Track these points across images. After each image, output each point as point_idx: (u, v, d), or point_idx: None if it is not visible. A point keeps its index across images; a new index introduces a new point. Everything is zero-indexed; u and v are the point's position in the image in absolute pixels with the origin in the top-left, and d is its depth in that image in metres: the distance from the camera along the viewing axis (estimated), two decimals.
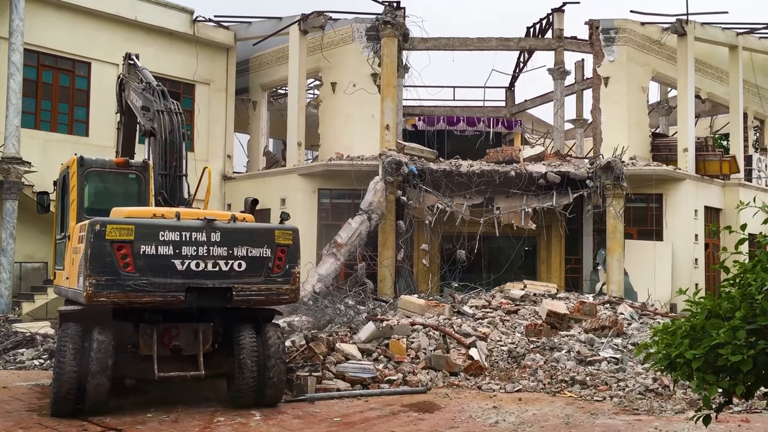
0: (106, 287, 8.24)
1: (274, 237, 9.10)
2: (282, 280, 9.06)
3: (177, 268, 8.49)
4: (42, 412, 8.80)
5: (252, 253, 8.91)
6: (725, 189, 23.12)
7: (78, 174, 10.09)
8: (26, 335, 14.28)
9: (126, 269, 8.30)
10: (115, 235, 8.30)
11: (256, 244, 8.97)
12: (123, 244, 8.31)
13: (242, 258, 8.85)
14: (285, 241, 9.16)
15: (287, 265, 9.13)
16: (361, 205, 18.65)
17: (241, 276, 8.81)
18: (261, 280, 8.93)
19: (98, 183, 10.42)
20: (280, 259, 9.08)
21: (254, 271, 8.91)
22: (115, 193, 10.41)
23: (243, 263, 8.84)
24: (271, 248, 9.03)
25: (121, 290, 8.28)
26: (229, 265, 8.75)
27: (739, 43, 24.82)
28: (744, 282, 4.63)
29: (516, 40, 24.35)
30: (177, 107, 10.22)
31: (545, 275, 21.12)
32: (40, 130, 20.41)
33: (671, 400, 10.17)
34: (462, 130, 26.94)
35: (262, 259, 8.96)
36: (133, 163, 10.63)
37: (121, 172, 10.48)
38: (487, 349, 12.71)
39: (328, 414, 9.08)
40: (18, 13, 18.36)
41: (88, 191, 10.18)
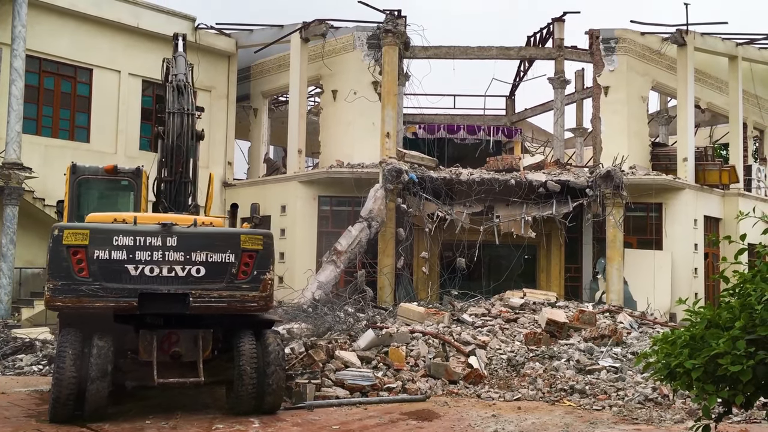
0: (61, 292, 8.23)
1: (239, 242, 8.71)
2: (248, 286, 8.66)
3: (130, 273, 8.36)
4: (41, 418, 8.78)
5: (212, 258, 8.58)
6: (725, 199, 23.15)
7: (70, 181, 10.17)
8: (25, 341, 14.26)
9: (80, 274, 8.26)
10: (71, 240, 8.29)
11: (218, 249, 8.63)
12: (78, 248, 8.28)
13: (201, 263, 8.54)
14: (253, 246, 8.75)
15: (255, 271, 8.72)
16: (361, 213, 18.67)
17: (199, 282, 8.51)
18: (223, 286, 8.58)
19: (91, 190, 10.40)
20: (246, 264, 8.68)
21: (215, 277, 8.57)
22: (107, 200, 10.38)
23: (202, 269, 8.54)
24: (236, 253, 8.65)
25: (75, 295, 8.24)
26: (186, 271, 8.48)
27: (738, 53, 24.91)
28: (744, 292, 4.65)
29: (516, 49, 24.42)
30: (191, 107, 10.06)
31: (545, 284, 21.12)
32: (41, 136, 20.46)
33: (670, 409, 10.17)
34: (462, 138, 26.99)
35: (224, 264, 8.62)
36: (124, 170, 10.55)
37: (113, 179, 10.40)
38: (487, 358, 12.70)
39: (327, 422, 9.06)
40: (20, 20, 18.43)
41: (81, 198, 10.19)
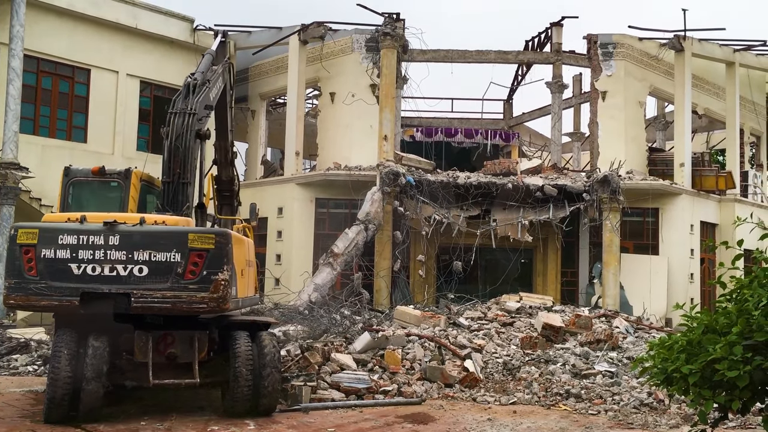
0: (14, 290, 8.27)
1: (186, 241, 8.41)
2: (197, 287, 8.33)
3: (73, 273, 8.30)
4: (35, 419, 8.75)
5: (156, 257, 8.32)
6: (721, 204, 23.20)
7: (63, 183, 10.22)
8: (20, 341, 14.22)
9: (30, 273, 8.27)
10: (23, 239, 8.32)
11: (162, 248, 8.36)
12: (29, 247, 8.30)
13: (143, 263, 8.31)
14: (203, 245, 8.43)
15: (205, 271, 8.38)
16: (359, 215, 18.67)
17: (142, 282, 8.28)
18: (167, 286, 8.31)
19: (84, 191, 10.39)
20: (195, 264, 8.36)
21: (158, 276, 8.32)
22: (98, 201, 10.34)
23: (144, 268, 8.31)
24: (182, 253, 8.35)
25: (24, 293, 8.25)
26: (128, 270, 8.30)
27: (736, 59, 24.99)
28: (741, 297, 4.65)
29: (515, 54, 24.47)
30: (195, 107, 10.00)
31: (541, 288, 21.15)
32: (38, 136, 20.44)
33: (666, 414, 10.17)
34: (460, 141, 27.00)
35: (168, 264, 8.35)
36: (112, 171, 10.51)
37: (103, 180, 10.37)
38: (483, 361, 12.69)
39: (323, 424, 9.05)
40: (18, 19, 18.41)
41: (73, 200, 10.20)
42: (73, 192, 10.27)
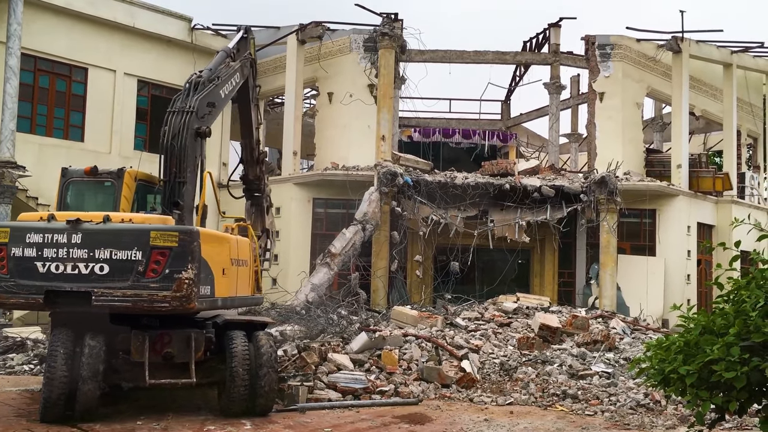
0: None
1: (148, 239, 8.31)
2: (159, 285, 8.20)
3: (39, 271, 8.34)
4: (31, 418, 8.72)
5: (117, 255, 8.27)
6: (718, 206, 23.24)
7: (60, 183, 10.26)
8: (17, 340, 14.18)
9: (1, 271, 8.37)
10: None
11: (123, 246, 8.29)
12: (1, 246, 8.40)
13: (104, 261, 8.27)
14: (165, 243, 8.31)
15: (168, 269, 8.25)
16: (356, 215, 18.66)
17: (102, 280, 8.24)
18: (128, 285, 8.22)
19: (80, 192, 10.40)
20: (157, 262, 8.25)
21: (119, 275, 8.25)
22: (93, 201, 10.34)
23: (105, 266, 8.27)
24: (144, 251, 8.26)
25: None
26: (89, 268, 8.27)
27: (733, 61, 25.03)
28: (738, 299, 4.65)
29: (512, 54, 24.49)
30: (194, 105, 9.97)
31: (538, 288, 21.16)
32: (35, 135, 20.40)
33: (662, 415, 10.18)
34: (457, 142, 27.04)
35: (129, 262, 8.27)
36: (104, 171, 10.49)
37: (98, 180, 10.35)
38: (479, 362, 12.69)
39: (319, 424, 9.04)
40: (16, 18, 18.37)
41: (70, 200, 10.21)
42: (69, 192, 10.28)
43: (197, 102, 10.06)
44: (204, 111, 10.20)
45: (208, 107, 10.28)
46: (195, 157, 10.01)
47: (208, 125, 10.22)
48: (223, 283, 9.13)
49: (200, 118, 10.06)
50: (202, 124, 10.03)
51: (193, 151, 9.95)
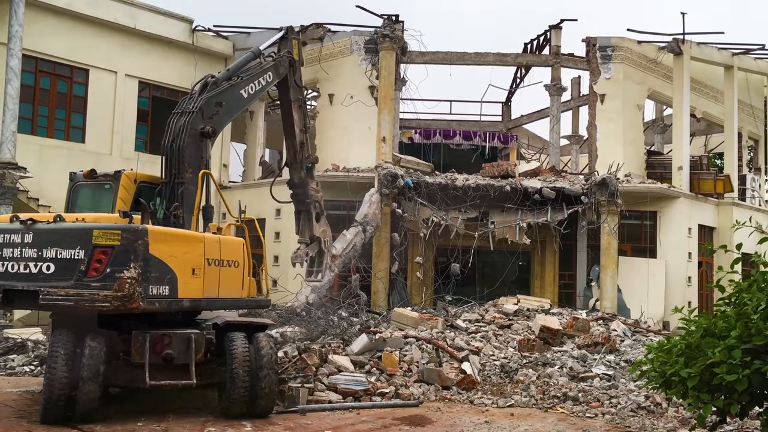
0: None
1: (90, 237, 8.21)
2: (99, 285, 8.10)
3: None
4: (32, 419, 8.71)
5: (62, 254, 8.26)
6: (719, 208, 23.22)
7: (68, 187, 10.34)
8: (17, 341, 14.17)
9: None
10: None
11: (67, 246, 8.26)
12: None
13: (51, 260, 8.28)
14: (107, 242, 8.19)
15: (110, 268, 8.13)
16: (356, 217, 18.65)
17: (49, 279, 8.23)
18: (70, 284, 8.16)
19: (84, 194, 10.44)
20: (99, 261, 8.15)
21: (63, 274, 8.22)
22: (94, 203, 10.35)
23: (51, 265, 8.27)
24: (86, 250, 8.19)
25: None
26: (38, 267, 8.30)
27: (734, 63, 25.03)
28: (740, 301, 4.64)
29: (513, 56, 24.49)
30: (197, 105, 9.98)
31: (539, 290, 21.14)
32: (36, 136, 20.41)
33: (663, 418, 10.16)
34: (458, 143, 27.03)
35: (72, 261, 8.22)
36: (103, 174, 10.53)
37: (99, 183, 10.33)
38: (480, 364, 12.69)
39: (320, 426, 9.03)
40: (17, 19, 18.38)
41: (76, 202, 10.27)
42: (76, 195, 10.36)
43: (203, 102, 10.06)
44: (211, 111, 10.19)
45: (216, 107, 10.25)
46: (200, 157, 10.02)
47: (216, 125, 10.20)
48: (193, 284, 8.93)
49: (208, 119, 10.06)
50: (208, 125, 10.01)
51: (197, 152, 9.95)
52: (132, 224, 8.48)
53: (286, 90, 12.36)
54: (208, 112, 10.15)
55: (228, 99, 10.69)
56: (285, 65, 12.17)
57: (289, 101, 12.45)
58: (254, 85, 11.22)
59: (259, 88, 11.39)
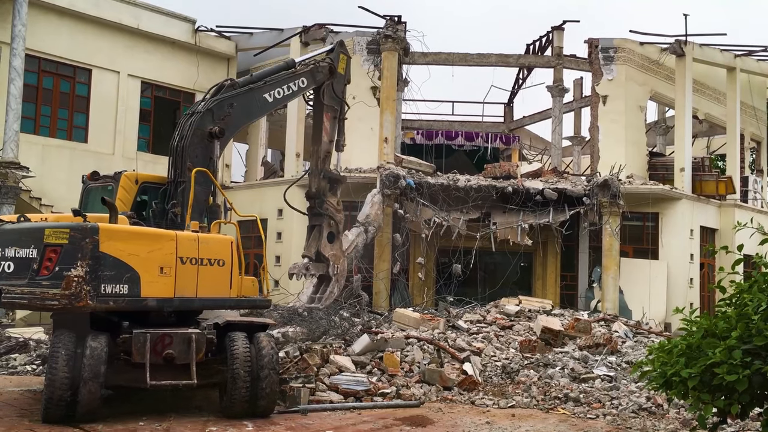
0: None
1: (42, 236, 8.27)
2: (49, 283, 8.13)
3: None
4: (33, 418, 8.72)
5: (19, 253, 8.40)
6: (721, 209, 23.20)
7: (82, 189, 10.58)
8: (19, 340, 14.19)
9: None
10: None
11: (23, 245, 8.39)
12: None
13: (11, 259, 8.44)
14: (57, 241, 8.22)
15: (58, 267, 8.14)
16: (358, 218, 18.66)
17: (9, 278, 8.39)
18: (25, 282, 8.25)
19: (94, 196, 10.53)
20: (50, 260, 8.20)
21: (20, 273, 8.35)
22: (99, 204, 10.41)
23: (12, 264, 8.42)
24: (38, 248, 8.26)
25: None
26: (1, 267, 8.47)
27: (737, 64, 25.01)
28: (740, 302, 4.64)
29: (515, 57, 24.49)
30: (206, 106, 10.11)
31: (540, 291, 21.13)
32: (39, 136, 20.46)
33: (664, 419, 10.15)
34: (460, 144, 27.03)
35: (27, 260, 8.32)
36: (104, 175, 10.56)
37: (102, 185, 10.46)
38: (481, 364, 12.68)
39: (321, 426, 9.03)
40: (20, 19, 18.42)
41: (88, 203, 10.40)
42: (87, 197, 10.54)
43: (214, 103, 10.15)
44: (223, 112, 10.29)
45: (229, 108, 10.31)
46: (206, 157, 10.04)
47: (226, 126, 10.24)
48: (161, 283, 8.85)
49: (219, 120, 10.11)
50: (217, 125, 10.05)
51: (203, 152, 9.98)
52: (81, 223, 8.46)
53: (321, 97, 12.45)
54: (219, 113, 10.23)
55: (245, 102, 10.79)
56: (324, 72, 12.30)
57: (322, 107, 12.55)
58: (283, 89, 11.38)
59: (289, 93, 11.54)
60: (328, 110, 12.47)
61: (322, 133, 12.49)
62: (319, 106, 12.34)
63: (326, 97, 12.30)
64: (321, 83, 12.05)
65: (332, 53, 12.51)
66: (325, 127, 12.51)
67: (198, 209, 10.19)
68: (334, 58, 12.45)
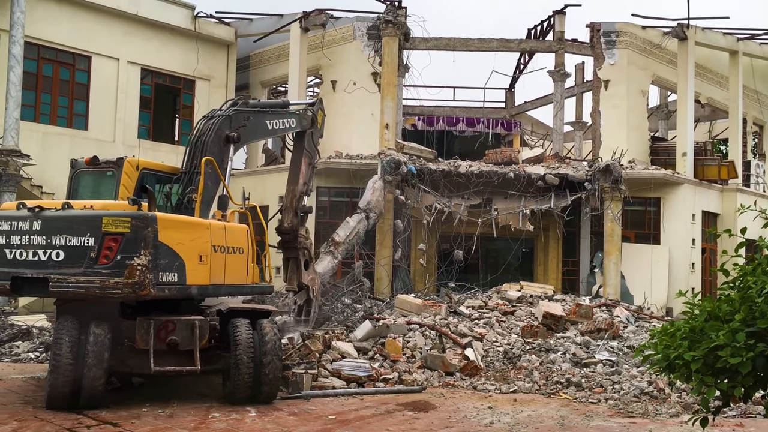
0: None
1: (100, 225, 8.26)
2: (110, 272, 8.15)
3: (7, 257, 8.55)
4: (37, 405, 8.78)
5: (71, 242, 8.31)
6: (723, 194, 23.15)
7: (69, 174, 10.37)
8: (22, 328, 14.24)
9: None
10: None
11: (76, 233, 8.31)
12: None
13: (60, 247, 8.34)
14: (117, 229, 8.22)
15: (120, 255, 8.18)
16: (360, 204, 18.63)
17: (58, 266, 8.30)
18: (81, 271, 8.21)
19: (86, 181, 10.50)
20: (109, 248, 8.20)
21: (73, 261, 8.27)
22: (97, 190, 10.39)
23: (61, 252, 8.33)
24: (96, 237, 8.24)
25: None
26: (47, 255, 8.37)
27: (739, 48, 24.87)
28: (744, 285, 4.64)
29: (517, 42, 24.37)
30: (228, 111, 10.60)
31: (542, 277, 21.14)
32: (39, 123, 20.41)
33: (666, 403, 10.19)
34: (461, 130, 26.97)
35: (82, 248, 8.27)
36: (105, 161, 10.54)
37: (101, 170, 10.36)
38: (483, 350, 12.72)
39: (324, 411, 9.07)
40: (19, 6, 18.33)
41: (79, 189, 10.30)
42: (77, 182, 10.39)
43: (234, 111, 10.62)
44: (239, 122, 10.67)
45: (245, 120, 10.77)
46: (221, 159, 10.27)
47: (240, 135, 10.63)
48: (200, 271, 8.98)
49: (237, 127, 10.50)
50: (234, 132, 10.38)
51: (219, 152, 10.21)
52: (141, 211, 8.51)
53: (302, 142, 13.20)
54: (236, 122, 10.67)
55: (257, 120, 11.30)
56: (308, 120, 13.00)
57: (301, 152, 13.26)
58: (279, 122, 11.92)
59: (282, 127, 12.11)
60: (306, 156, 13.12)
61: (298, 176, 13.12)
62: (299, 150, 13.14)
63: (307, 144, 12.89)
64: (305, 129, 12.68)
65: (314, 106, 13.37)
66: (302, 171, 13.24)
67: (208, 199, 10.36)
68: (315, 111, 13.09)
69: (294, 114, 12.54)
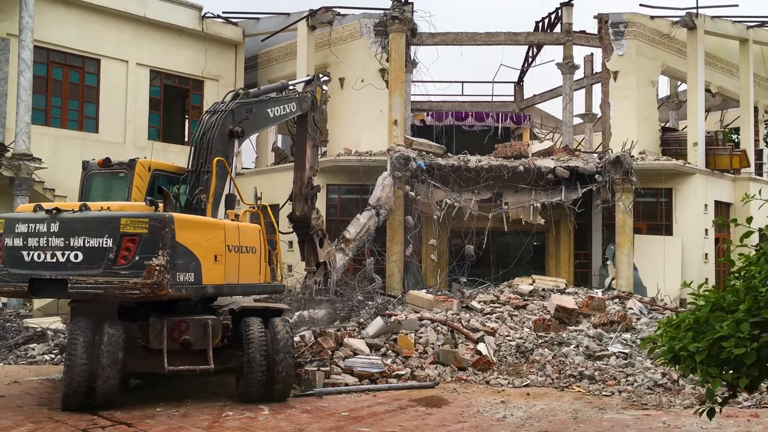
0: None
1: (118, 226, 8.30)
2: (129, 273, 8.17)
3: (24, 259, 8.58)
4: (53, 406, 8.87)
5: (89, 243, 8.35)
6: (735, 183, 23.01)
7: (81, 176, 10.44)
8: (37, 330, 14.37)
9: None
10: None
11: (95, 234, 8.34)
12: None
13: (78, 248, 8.38)
14: (135, 230, 8.27)
15: (138, 256, 8.20)
16: (370, 201, 18.67)
17: (77, 268, 8.34)
18: (99, 272, 8.24)
19: (98, 183, 10.56)
20: (128, 249, 8.24)
21: (92, 262, 8.31)
22: (109, 192, 10.46)
23: (79, 254, 8.36)
24: (114, 238, 8.27)
25: None
26: (65, 256, 8.40)
27: (749, 36, 24.67)
28: (748, 275, 4.62)
29: (524, 35, 24.30)
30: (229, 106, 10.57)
31: (554, 270, 21.11)
32: (50, 127, 20.59)
33: (680, 395, 10.16)
34: (470, 125, 26.92)
35: (101, 249, 8.30)
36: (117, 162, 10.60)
37: (113, 171, 10.45)
38: (496, 344, 12.72)
39: (337, 408, 9.11)
40: (28, 10, 18.48)
41: (91, 191, 10.37)
42: (89, 184, 10.46)
43: (235, 105, 10.59)
44: (242, 116, 10.67)
45: (247, 113, 10.76)
46: (226, 155, 10.29)
47: (244, 128, 10.63)
48: (215, 270, 9.04)
49: (238, 122, 10.52)
50: (237, 126, 10.41)
51: (224, 148, 10.24)
52: (159, 212, 8.59)
53: (304, 125, 13.19)
54: (238, 115, 10.67)
55: (259, 111, 11.30)
56: (308, 102, 12.97)
57: (305, 137, 13.19)
58: (279, 109, 11.92)
59: (284, 113, 12.09)
60: (309, 138, 13.10)
61: (304, 161, 13.10)
62: (302, 134, 13.06)
63: (309, 126, 12.94)
64: (305, 112, 12.70)
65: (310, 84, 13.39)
66: (307, 156, 13.25)
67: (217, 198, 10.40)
68: (314, 88, 13.31)
69: (293, 98, 12.50)
